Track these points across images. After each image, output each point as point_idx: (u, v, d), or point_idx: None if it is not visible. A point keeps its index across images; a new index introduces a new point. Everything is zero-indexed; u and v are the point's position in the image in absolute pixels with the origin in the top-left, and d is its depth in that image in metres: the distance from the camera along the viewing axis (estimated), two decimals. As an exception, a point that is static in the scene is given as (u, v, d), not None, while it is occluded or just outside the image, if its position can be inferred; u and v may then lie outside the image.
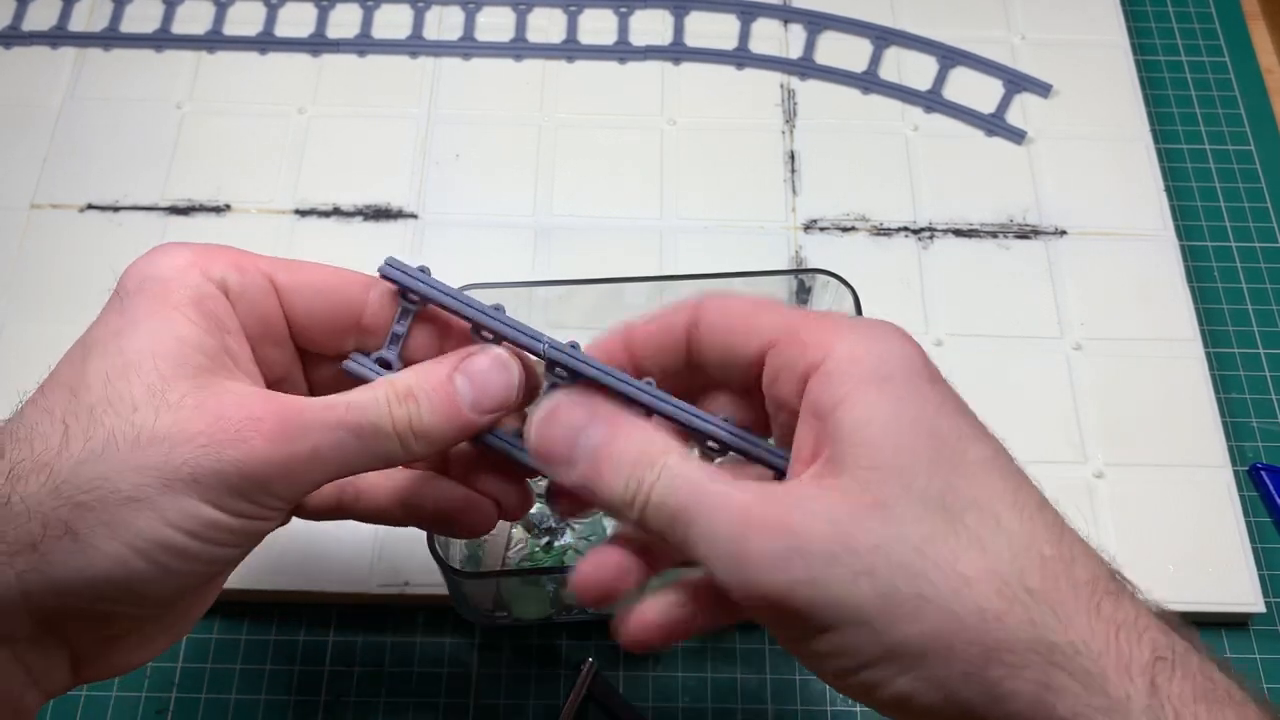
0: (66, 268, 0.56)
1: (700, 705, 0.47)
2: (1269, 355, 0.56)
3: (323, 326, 0.31)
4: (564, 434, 0.29)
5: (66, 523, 0.26)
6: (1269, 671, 0.48)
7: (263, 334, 0.31)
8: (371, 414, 0.28)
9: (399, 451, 0.29)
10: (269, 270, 0.31)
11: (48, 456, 0.26)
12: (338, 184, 0.59)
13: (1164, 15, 0.67)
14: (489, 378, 0.30)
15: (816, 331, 0.28)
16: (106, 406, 0.26)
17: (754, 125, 0.61)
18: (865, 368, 0.27)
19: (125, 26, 0.64)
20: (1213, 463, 0.51)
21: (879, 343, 0.27)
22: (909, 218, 0.58)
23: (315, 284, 0.31)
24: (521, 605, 0.47)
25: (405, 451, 0.29)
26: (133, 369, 0.27)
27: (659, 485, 0.27)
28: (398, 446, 0.29)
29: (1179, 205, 0.60)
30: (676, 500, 0.27)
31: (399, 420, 0.29)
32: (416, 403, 0.29)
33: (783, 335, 0.29)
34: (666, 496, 0.27)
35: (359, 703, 0.47)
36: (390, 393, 0.29)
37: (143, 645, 0.31)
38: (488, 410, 0.30)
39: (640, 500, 0.27)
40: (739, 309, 0.30)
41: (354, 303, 0.31)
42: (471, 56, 0.64)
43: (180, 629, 0.32)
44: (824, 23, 0.65)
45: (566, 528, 0.48)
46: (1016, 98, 0.62)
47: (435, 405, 0.29)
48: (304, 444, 0.27)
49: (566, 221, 0.58)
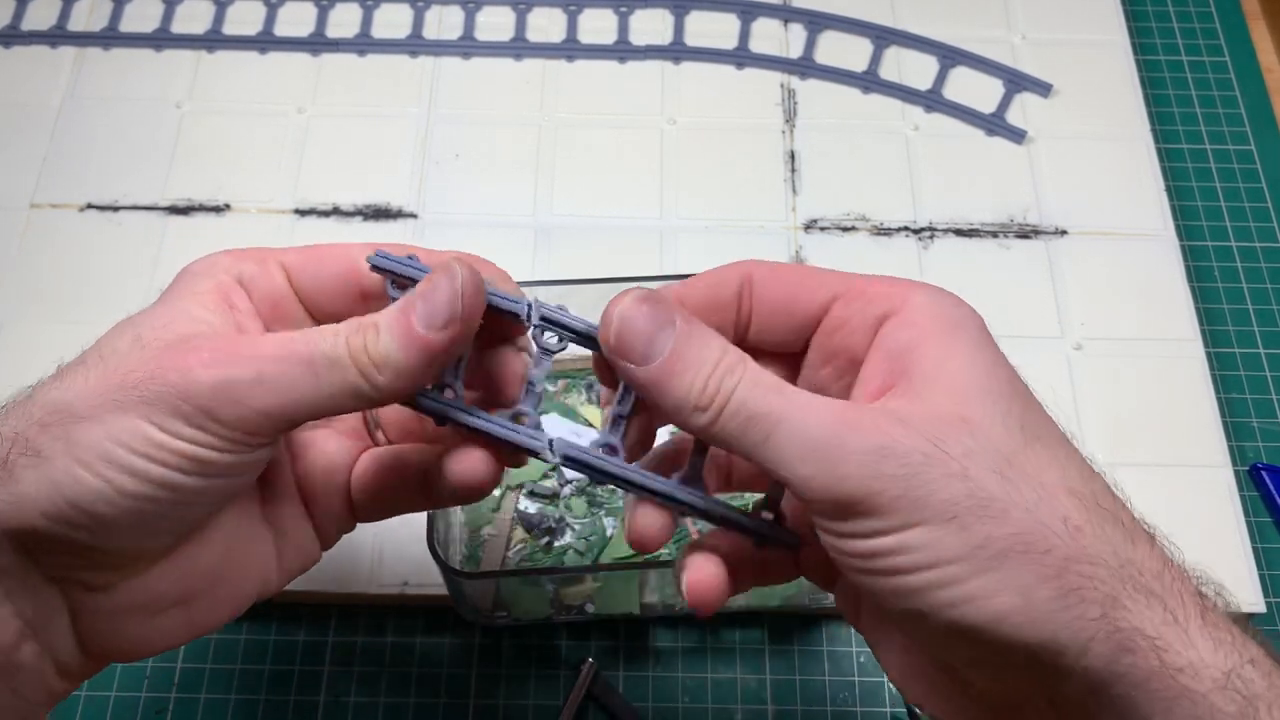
0: (66, 267, 0.56)
1: (700, 705, 0.47)
2: (1269, 355, 0.56)
3: (328, 294, 0.33)
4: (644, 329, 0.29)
5: (31, 442, 0.28)
6: (1269, 671, 0.48)
7: (276, 314, 0.32)
8: (325, 344, 0.29)
9: (362, 383, 0.29)
10: (281, 256, 0.33)
11: (37, 392, 0.29)
12: (337, 183, 0.59)
13: (1164, 15, 0.67)
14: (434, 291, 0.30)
15: (888, 285, 0.30)
16: (96, 355, 0.29)
17: (754, 125, 0.61)
18: (941, 317, 0.29)
19: (125, 26, 0.64)
20: (1213, 463, 0.51)
21: (948, 300, 0.30)
22: (909, 217, 0.58)
23: (318, 256, 0.33)
24: (521, 605, 0.47)
25: (370, 384, 0.29)
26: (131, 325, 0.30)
27: (741, 388, 0.28)
28: (358, 377, 0.29)
29: (1179, 205, 0.60)
30: (758, 405, 0.27)
31: (354, 347, 0.29)
32: (376, 330, 0.29)
33: (848, 290, 0.31)
34: (748, 400, 0.27)
35: (359, 703, 0.47)
36: (348, 326, 0.29)
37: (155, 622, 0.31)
38: (439, 324, 0.29)
39: (719, 402, 0.28)
40: (794, 271, 0.32)
41: (352, 266, 0.33)
42: (471, 56, 0.64)
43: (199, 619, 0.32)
44: (824, 22, 0.65)
45: (566, 528, 0.48)
46: (1017, 97, 0.62)
47: (391, 326, 0.29)
48: (245, 369, 0.28)
49: (566, 221, 0.58)
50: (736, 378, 0.28)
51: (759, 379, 0.28)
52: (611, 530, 0.48)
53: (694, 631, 0.48)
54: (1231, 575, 0.48)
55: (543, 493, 0.49)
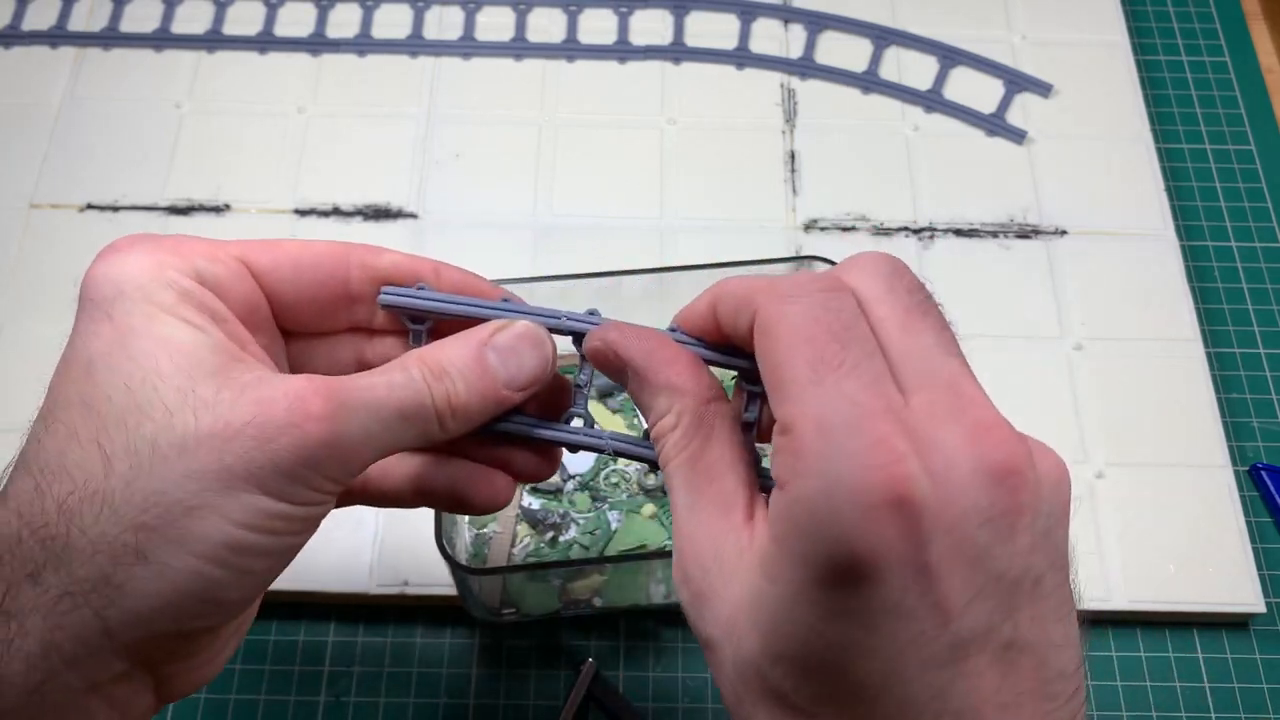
0: (66, 267, 0.55)
1: (700, 705, 0.47)
2: (1269, 355, 0.56)
3: (311, 303, 0.30)
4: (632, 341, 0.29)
5: (134, 548, 0.24)
6: (1269, 672, 0.48)
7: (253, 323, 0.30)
8: (414, 393, 0.28)
9: (436, 430, 0.28)
10: (240, 253, 0.29)
11: (95, 484, 0.25)
12: (337, 184, 0.59)
13: (1164, 15, 0.67)
14: (522, 353, 0.29)
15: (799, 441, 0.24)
16: (140, 417, 0.25)
17: (754, 125, 0.61)
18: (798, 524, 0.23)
19: (125, 26, 0.64)
20: (1213, 463, 0.51)
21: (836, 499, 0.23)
22: (909, 218, 0.58)
23: (295, 259, 0.30)
24: (529, 601, 0.47)
25: (441, 430, 0.29)
26: (154, 375, 0.26)
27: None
28: (436, 426, 0.28)
29: (1179, 205, 0.60)
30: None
31: (438, 398, 0.28)
32: (452, 380, 0.28)
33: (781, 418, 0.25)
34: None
35: (359, 703, 0.47)
36: (424, 371, 0.28)
37: (220, 652, 0.30)
38: (523, 386, 0.30)
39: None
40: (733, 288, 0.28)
41: (338, 271, 0.30)
42: (471, 56, 0.64)
43: (246, 626, 0.31)
44: (824, 22, 0.65)
45: (571, 522, 0.48)
46: (1017, 98, 0.62)
47: (470, 382, 0.29)
48: (354, 424, 0.27)
49: (566, 221, 0.58)
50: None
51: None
52: (616, 523, 0.48)
53: (694, 631, 0.48)
54: (1231, 575, 0.48)
55: (546, 488, 0.49)
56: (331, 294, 0.30)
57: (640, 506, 0.49)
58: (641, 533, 0.48)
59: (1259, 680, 0.48)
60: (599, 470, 0.50)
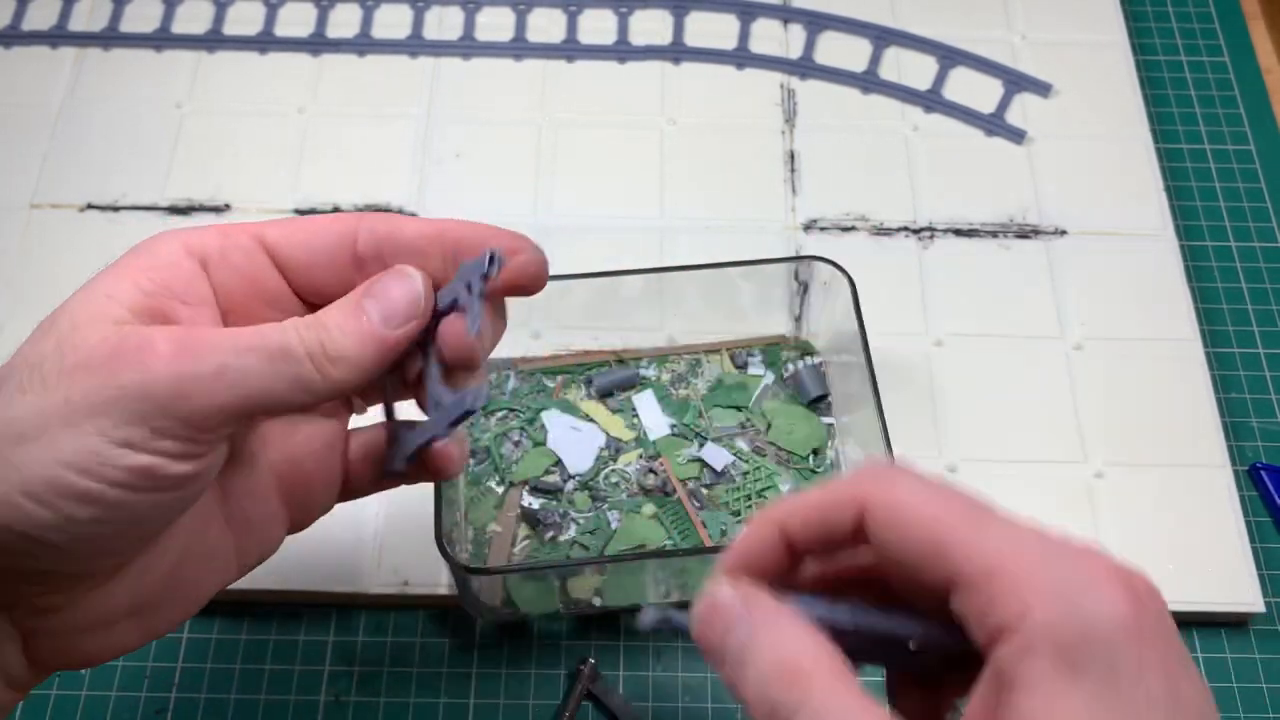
0: (66, 267, 0.55)
1: (700, 705, 0.47)
2: (1269, 355, 0.56)
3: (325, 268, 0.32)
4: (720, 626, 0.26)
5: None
6: (1269, 671, 0.48)
7: (251, 293, 0.31)
8: (277, 336, 0.28)
9: (315, 376, 0.29)
10: (257, 231, 0.31)
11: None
12: (338, 184, 0.59)
13: (1164, 15, 0.67)
14: (391, 290, 0.30)
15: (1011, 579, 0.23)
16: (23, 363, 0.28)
17: (754, 125, 0.61)
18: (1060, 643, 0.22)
19: (125, 26, 0.64)
20: (1213, 463, 0.51)
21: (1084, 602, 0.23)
22: (909, 218, 0.58)
23: (305, 229, 0.32)
24: (529, 601, 0.47)
25: (324, 377, 0.29)
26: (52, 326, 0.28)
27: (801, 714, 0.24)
28: (312, 370, 0.29)
29: (1179, 205, 0.60)
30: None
31: (309, 341, 0.29)
32: (324, 327, 0.29)
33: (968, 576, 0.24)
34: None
35: (359, 703, 0.47)
36: (297, 321, 0.29)
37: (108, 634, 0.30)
38: (398, 323, 0.30)
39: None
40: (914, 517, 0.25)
41: (346, 236, 0.32)
42: (471, 56, 0.64)
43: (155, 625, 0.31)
44: (824, 23, 0.65)
45: (570, 522, 0.48)
46: (1016, 98, 0.62)
47: (344, 324, 0.29)
48: (205, 364, 0.27)
49: (566, 221, 0.58)
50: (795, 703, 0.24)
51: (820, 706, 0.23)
52: (615, 523, 0.48)
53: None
54: (1231, 575, 0.48)
55: (545, 488, 0.49)
56: (341, 258, 0.32)
57: (640, 506, 0.49)
58: (641, 533, 0.48)
59: (1258, 680, 0.48)
60: (599, 470, 0.50)
